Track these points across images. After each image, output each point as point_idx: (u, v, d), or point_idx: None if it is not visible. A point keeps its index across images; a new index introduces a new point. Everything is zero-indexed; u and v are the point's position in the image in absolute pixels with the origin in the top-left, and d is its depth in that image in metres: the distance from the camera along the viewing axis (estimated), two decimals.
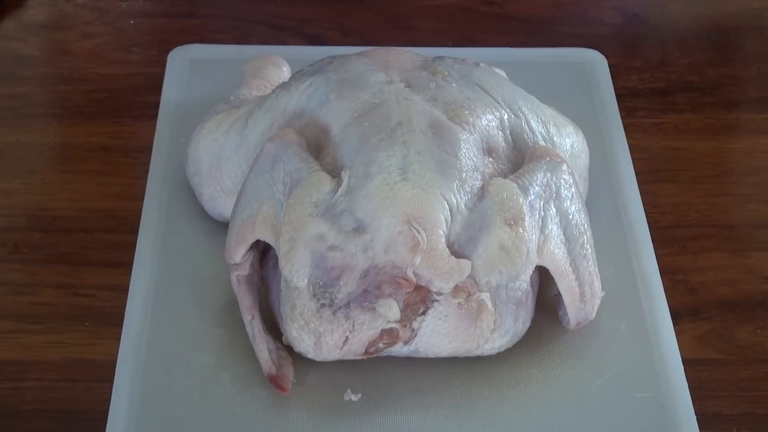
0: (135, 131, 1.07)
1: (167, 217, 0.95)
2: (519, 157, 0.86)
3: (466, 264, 0.76)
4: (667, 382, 0.84)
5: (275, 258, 0.81)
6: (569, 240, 0.82)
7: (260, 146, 0.85)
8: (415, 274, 0.76)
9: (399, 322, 0.77)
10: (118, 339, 0.86)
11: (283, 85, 0.92)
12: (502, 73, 0.98)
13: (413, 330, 0.78)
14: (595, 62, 1.14)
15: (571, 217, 0.82)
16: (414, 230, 0.76)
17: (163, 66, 1.12)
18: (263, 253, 0.85)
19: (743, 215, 1.01)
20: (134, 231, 0.94)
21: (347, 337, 0.78)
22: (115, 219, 0.98)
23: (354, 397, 0.82)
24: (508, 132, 0.87)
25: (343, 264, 0.77)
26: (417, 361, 0.82)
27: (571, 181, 0.83)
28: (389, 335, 0.78)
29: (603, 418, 0.82)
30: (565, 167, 0.83)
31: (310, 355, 0.80)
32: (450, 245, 0.77)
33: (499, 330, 0.80)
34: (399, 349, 0.80)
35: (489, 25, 1.23)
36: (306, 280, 0.78)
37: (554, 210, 0.81)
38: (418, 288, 0.77)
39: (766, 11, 1.26)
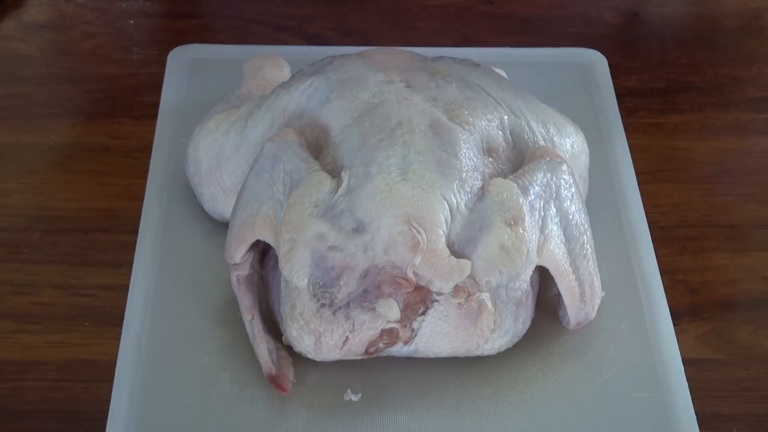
0: (135, 131, 1.07)
1: (167, 217, 0.95)
2: (519, 157, 0.86)
3: (466, 264, 0.76)
4: (667, 382, 0.84)
5: (275, 258, 0.81)
6: (569, 240, 0.82)
7: (260, 146, 0.85)
8: (415, 274, 0.76)
9: (399, 322, 0.77)
10: (118, 339, 0.86)
11: (283, 85, 0.92)
12: (502, 73, 0.98)
13: (413, 330, 0.78)
14: (595, 62, 1.14)
15: (571, 217, 0.82)
16: (414, 230, 0.76)
17: (163, 66, 1.12)
18: (263, 253, 0.85)
19: (743, 215, 1.01)
20: (134, 231, 0.94)
21: (347, 337, 0.78)
22: (115, 219, 0.98)
23: (354, 397, 0.82)
24: (508, 132, 0.87)
25: (343, 264, 0.77)
26: (417, 361, 0.82)
27: (571, 181, 0.83)
28: (389, 335, 0.78)
29: (603, 418, 0.82)
30: (565, 167, 0.83)
31: (310, 355, 0.80)
32: (450, 245, 0.77)
33: (499, 330, 0.80)
34: (399, 349, 0.80)
35: (489, 25, 1.23)
36: (306, 280, 0.78)
37: (554, 210, 0.81)
38: (418, 288, 0.76)
39: (766, 11, 1.26)
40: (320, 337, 0.78)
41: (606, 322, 0.87)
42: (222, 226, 0.89)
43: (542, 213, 0.81)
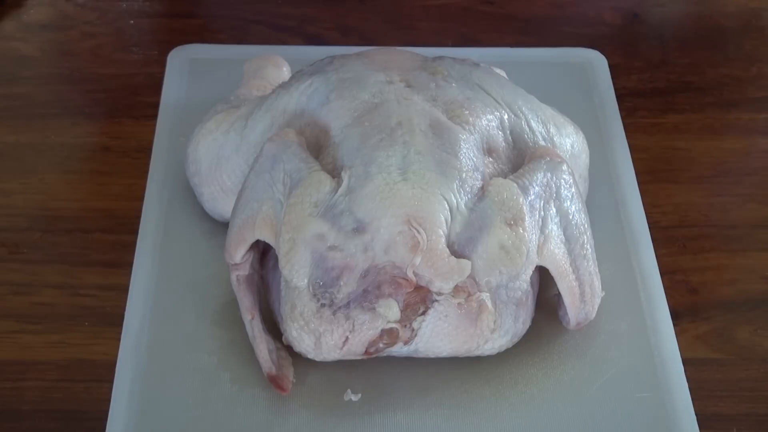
0: (135, 131, 1.07)
1: (167, 217, 0.95)
2: (519, 157, 0.86)
3: (466, 264, 0.76)
4: (667, 382, 0.84)
5: (275, 258, 0.81)
6: (569, 240, 0.82)
7: (260, 146, 0.85)
8: (415, 274, 0.76)
9: (399, 322, 0.77)
10: (118, 339, 0.86)
11: (283, 85, 0.92)
12: (502, 73, 0.98)
13: (413, 330, 0.78)
14: (595, 62, 1.14)
15: (571, 217, 0.82)
16: (414, 230, 0.76)
17: (163, 66, 1.12)
18: (263, 253, 0.85)
19: (743, 215, 1.01)
20: (134, 231, 0.94)
21: (347, 337, 0.78)
22: (115, 219, 0.98)
23: (354, 397, 0.82)
24: (508, 132, 0.87)
25: (343, 264, 0.77)
26: (417, 361, 0.82)
27: (571, 181, 0.83)
28: (389, 335, 0.78)
29: (603, 418, 0.82)
30: (565, 167, 0.83)
31: (310, 355, 0.80)
32: (450, 245, 0.77)
33: (499, 330, 0.80)
34: (399, 349, 0.80)
35: (489, 25, 1.23)
36: (306, 280, 0.78)
37: (554, 210, 0.81)
38: (418, 288, 0.76)
39: (766, 11, 1.26)
40: (320, 337, 0.78)
41: (606, 322, 0.87)
42: (222, 226, 0.90)
43: (542, 213, 0.81)
